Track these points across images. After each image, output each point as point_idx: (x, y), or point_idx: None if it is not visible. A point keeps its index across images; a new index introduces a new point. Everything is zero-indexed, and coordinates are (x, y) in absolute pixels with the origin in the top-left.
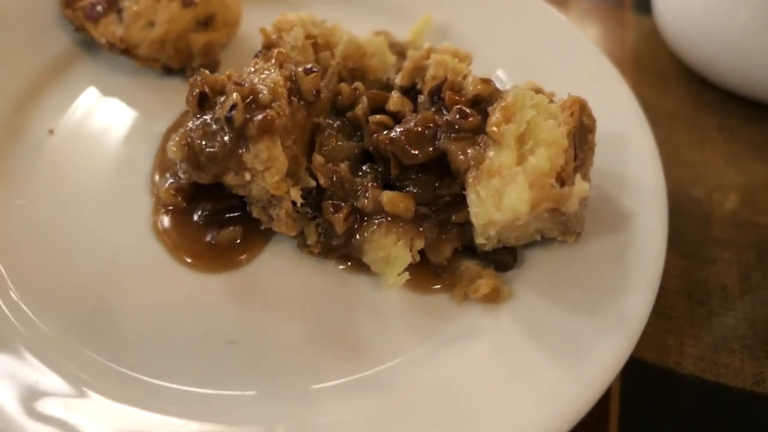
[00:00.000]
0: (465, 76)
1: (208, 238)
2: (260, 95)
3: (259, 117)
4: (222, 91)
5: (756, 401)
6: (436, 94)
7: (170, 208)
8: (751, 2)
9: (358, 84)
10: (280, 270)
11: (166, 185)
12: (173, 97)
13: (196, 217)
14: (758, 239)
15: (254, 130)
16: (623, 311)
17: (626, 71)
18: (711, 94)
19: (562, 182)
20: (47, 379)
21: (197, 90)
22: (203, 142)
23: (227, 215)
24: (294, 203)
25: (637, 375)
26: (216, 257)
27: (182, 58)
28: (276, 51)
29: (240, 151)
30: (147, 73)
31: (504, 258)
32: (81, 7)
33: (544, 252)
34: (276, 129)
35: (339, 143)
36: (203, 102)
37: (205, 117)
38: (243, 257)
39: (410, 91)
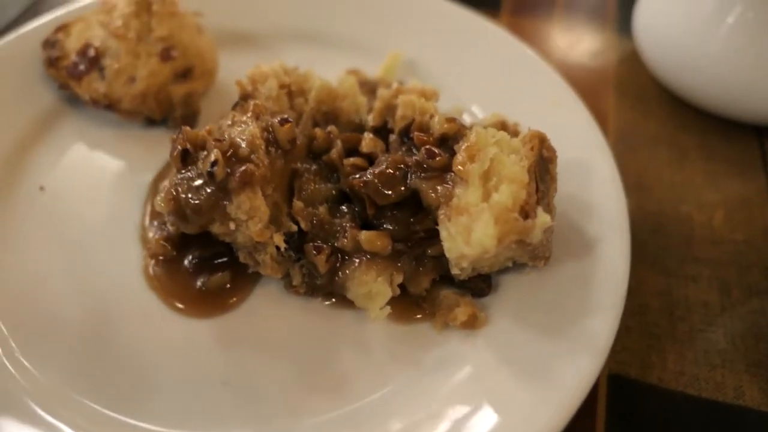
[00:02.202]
0: (431, 116)
1: (198, 284)
2: (239, 149)
3: (239, 171)
4: (203, 146)
5: (737, 414)
6: (405, 134)
7: (160, 257)
8: (727, 26)
9: (332, 128)
10: (269, 311)
11: (156, 236)
12: (156, 147)
13: (186, 264)
14: (737, 256)
15: (235, 183)
16: (590, 332)
17: (608, 93)
18: (691, 115)
19: (526, 215)
20: (53, 430)
21: (179, 147)
22: (188, 196)
23: (216, 261)
24: (278, 248)
25: (621, 391)
26: (207, 302)
27: (163, 110)
28: (252, 103)
29: (223, 203)
30: (130, 125)
31: (479, 285)
32: (64, 66)
33: (516, 277)
34: (256, 180)
35: (317, 186)
36: (186, 158)
37: (189, 172)
38: (233, 300)
39: (382, 131)
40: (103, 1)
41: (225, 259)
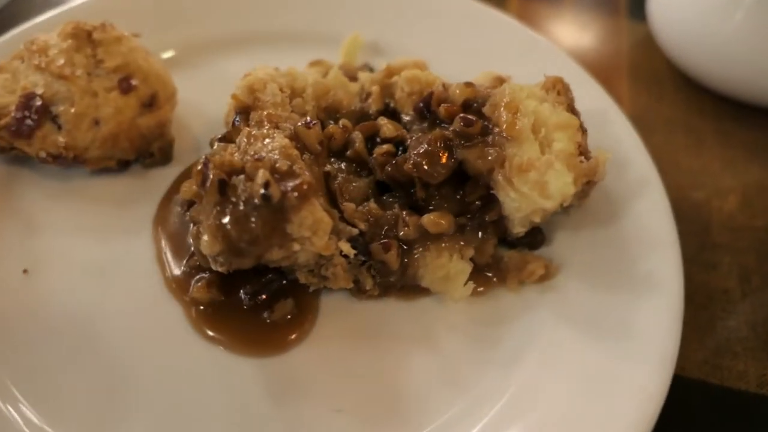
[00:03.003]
0: (444, 86)
1: (263, 320)
2: (277, 164)
3: (293, 186)
4: (236, 172)
5: (760, 403)
6: (426, 109)
7: (204, 306)
8: (743, 8)
9: (344, 122)
10: (344, 323)
11: (196, 285)
12: (138, 190)
13: (242, 303)
14: (757, 243)
15: (294, 200)
16: (653, 268)
17: (622, 78)
18: (706, 98)
19: (585, 156)
20: None
21: (214, 178)
22: (239, 229)
23: (269, 291)
24: (345, 256)
25: None
26: (278, 335)
27: (137, 147)
28: (265, 114)
29: (282, 224)
30: (99, 172)
31: (536, 238)
32: (3, 126)
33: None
34: (311, 192)
35: (354, 184)
36: (224, 188)
37: (228, 203)
38: (306, 323)
39: (385, 112)
40: (28, 42)
41: (276, 287)
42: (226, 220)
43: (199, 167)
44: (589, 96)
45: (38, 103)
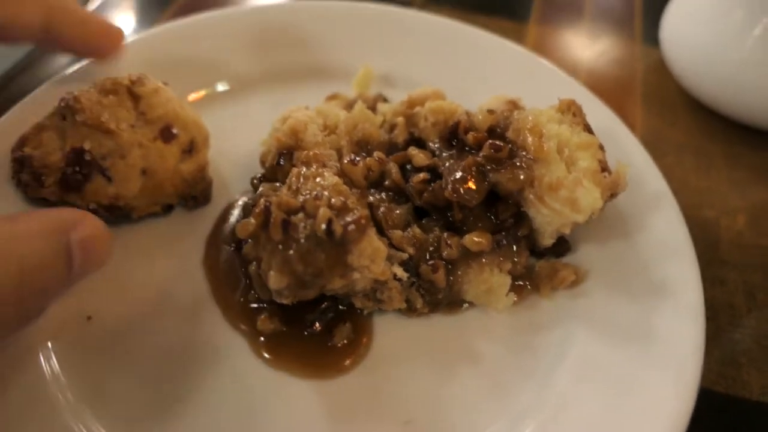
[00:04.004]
0: (467, 114)
1: (324, 345)
2: (332, 201)
3: (353, 221)
4: (293, 211)
5: (762, 410)
6: (453, 137)
7: (266, 336)
8: (753, 37)
9: (378, 154)
10: (399, 342)
11: (260, 317)
12: (182, 233)
13: (305, 331)
14: (763, 260)
15: (354, 234)
16: (672, 273)
17: (636, 102)
18: (716, 123)
19: (606, 171)
20: None
21: (279, 218)
22: (305, 263)
23: (327, 318)
24: (398, 279)
25: None
26: (342, 357)
27: (181, 192)
28: (312, 154)
29: (344, 256)
30: (144, 218)
31: (563, 246)
32: (53, 183)
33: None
34: (368, 224)
35: (396, 213)
36: (287, 227)
37: (293, 240)
38: (364, 342)
39: (410, 141)
40: (70, 99)
41: (332, 313)
42: (291, 256)
43: (260, 209)
44: (595, 115)
45: (88, 158)
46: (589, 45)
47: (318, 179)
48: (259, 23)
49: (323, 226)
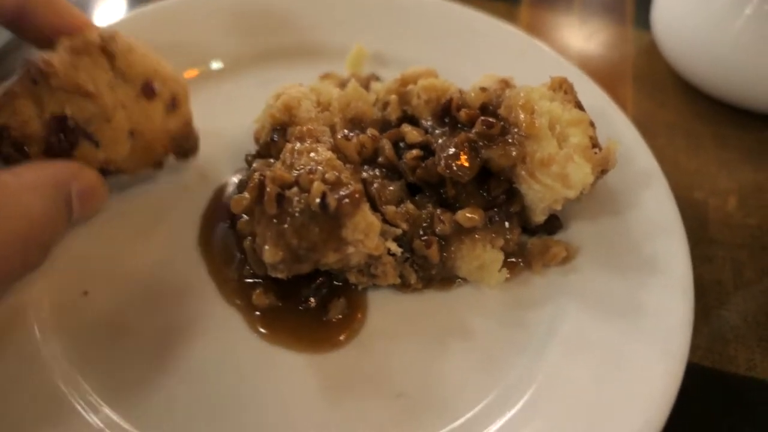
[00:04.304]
0: (460, 91)
1: (319, 320)
2: (326, 175)
3: (347, 194)
4: (287, 185)
5: (748, 385)
6: (446, 114)
7: (262, 310)
8: (742, 19)
9: (371, 131)
10: (393, 316)
11: (255, 292)
12: (179, 208)
13: (300, 306)
14: (750, 239)
15: (348, 208)
16: (660, 250)
17: (627, 84)
18: (706, 104)
19: (596, 147)
20: None
21: (273, 192)
22: (299, 237)
23: (322, 293)
24: (392, 254)
25: None
26: (338, 330)
27: (170, 149)
28: (306, 129)
29: (338, 230)
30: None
31: (554, 224)
32: (37, 152)
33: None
34: (362, 198)
35: (390, 189)
36: (281, 202)
37: (285, 214)
38: (358, 317)
39: (403, 119)
40: (39, 62)
41: (327, 288)
42: (286, 230)
43: (254, 183)
44: (586, 94)
45: (71, 124)
46: (580, 27)
47: (312, 154)
48: (252, 3)
49: (317, 200)
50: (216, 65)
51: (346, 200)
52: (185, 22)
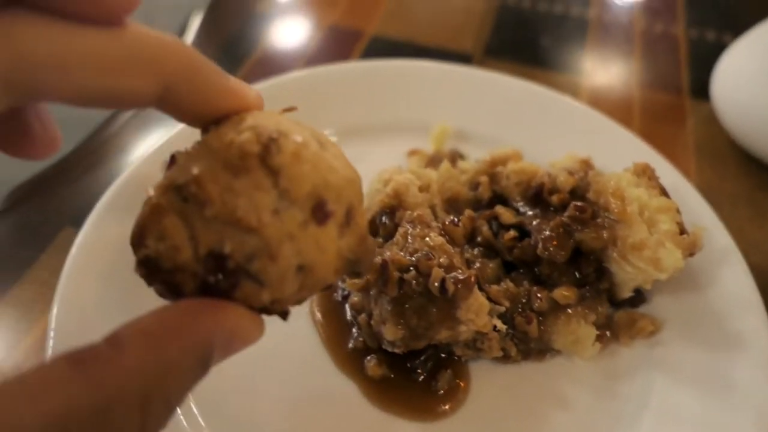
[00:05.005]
0: (550, 176)
1: (429, 390)
2: (441, 260)
3: (461, 278)
4: (403, 269)
5: None
6: (538, 198)
7: (375, 381)
8: None
9: (468, 212)
10: (495, 387)
11: (369, 364)
12: None
13: (414, 376)
14: None
15: (465, 292)
16: (742, 324)
17: (689, 155)
18: (766, 174)
19: (684, 233)
20: None
21: (393, 277)
22: (419, 317)
23: (430, 365)
24: (497, 330)
25: None
26: (446, 400)
27: (341, 273)
28: (416, 215)
29: (453, 311)
30: None
31: (639, 298)
32: (193, 291)
33: None
34: (476, 283)
35: (489, 267)
36: (402, 285)
37: (407, 297)
38: (463, 386)
39: (493, 198)
40: (188, 186)
41: (434, 360)
42: (406, 310)
43: (376, 266)
44: (662, 173)
45: (231, 266)
46: (640, 99)
47: (426, 239)
48: (338, 81)
49: (436, 284)
50: None
51: (462, 284)
52: (272, 98)
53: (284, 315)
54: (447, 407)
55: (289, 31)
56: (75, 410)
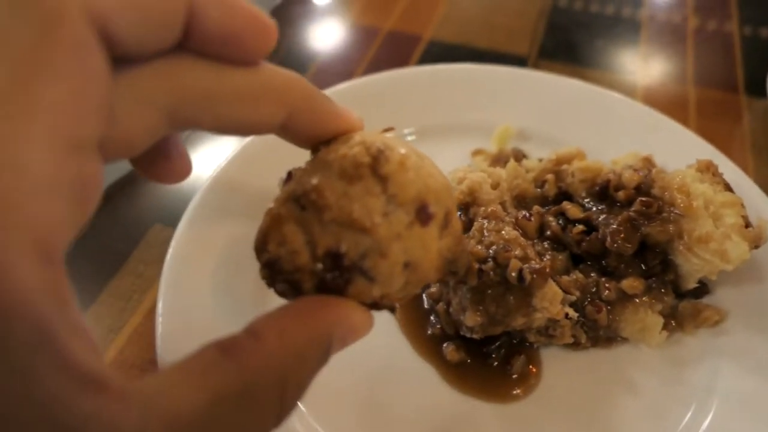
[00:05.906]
0: (615, 173)
1: (504, 374)
2: (516, 252)
3: (537, 269)
4: (481, 260)
5: None
6: (604, 194)
7: (454, 365)
8: None
9: (537, 208)
10: (565, 372)
11: (448, 349)
12: None
13: (489, 360)
14: None
15: (540, 280)
16: None
17: (746, 152)
18: None
19: (750, 226)
20: None
21: (475, 267)
22: (497, 305)
23: (505, 350)
24: (569, 318)
25: None
26: (515, 385)
27: (442, 272)
28: (490, 210)
29: (529, 299)
30: None
31: (703, 288)
32: (311, 288)
33: None
34: (550, 273)
35: (559, 259)
36: (480, 275)
37: (486, 286)
38: (536, 371)
39: (558, 195)
40: (308, 195)
41: (505, 347)
42: (486, 298)
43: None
44: (723, 169)
45: (346, 263)
46: (695, 96)
47: (502, 233)
48: (404, 86)
49: (514, 274)
50: None
51: (538, 274)
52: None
53: (392, 309)
54: (520, 391)
55: (347, 37)
56: (228, 390)
